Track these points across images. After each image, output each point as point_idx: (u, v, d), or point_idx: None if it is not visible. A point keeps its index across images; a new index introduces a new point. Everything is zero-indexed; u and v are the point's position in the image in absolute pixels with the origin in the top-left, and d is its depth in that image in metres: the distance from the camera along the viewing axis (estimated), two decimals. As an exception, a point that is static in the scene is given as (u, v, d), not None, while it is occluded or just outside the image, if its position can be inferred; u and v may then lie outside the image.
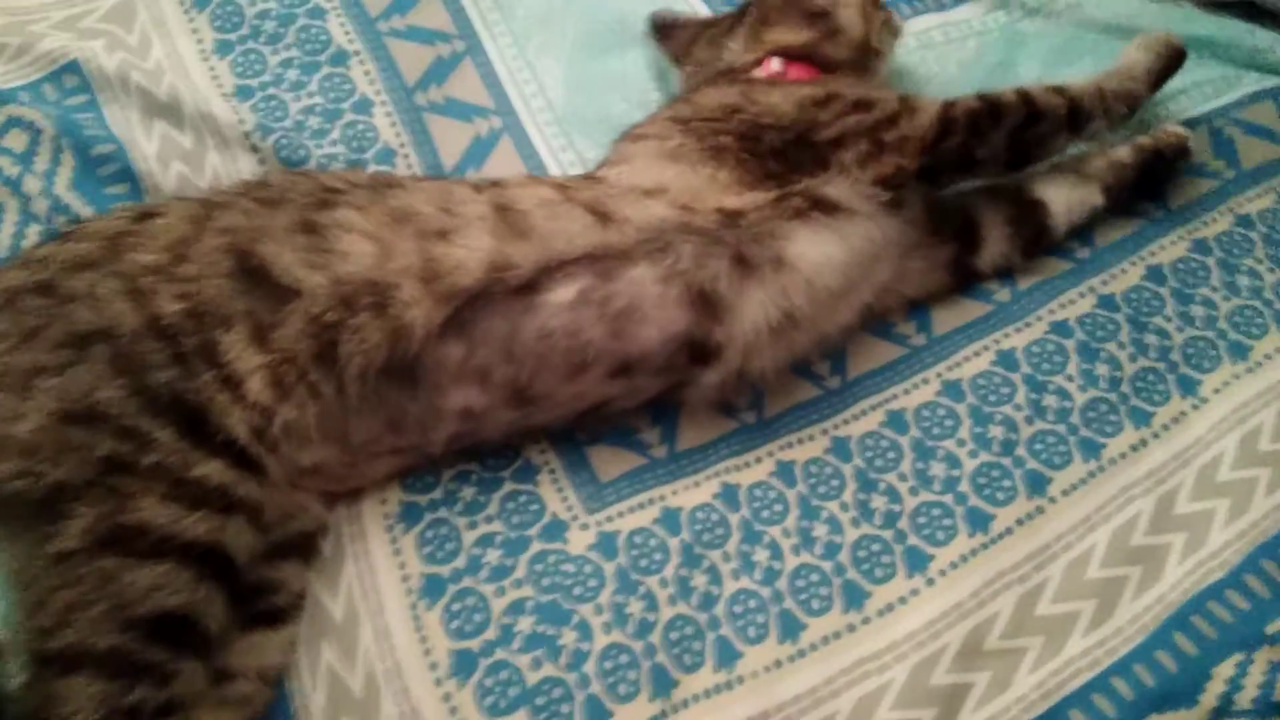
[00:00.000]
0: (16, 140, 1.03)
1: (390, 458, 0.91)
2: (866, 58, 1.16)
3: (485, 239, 0.86)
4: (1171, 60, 1.17)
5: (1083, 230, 1.13)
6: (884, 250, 1.00)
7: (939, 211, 1.07)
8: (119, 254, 0.82)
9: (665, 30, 1.26)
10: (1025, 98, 1.04)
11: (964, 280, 1.09)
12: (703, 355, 0.92)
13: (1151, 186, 1.15)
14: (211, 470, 0.77)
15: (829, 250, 0.94)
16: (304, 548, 0.89)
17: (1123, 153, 1.14)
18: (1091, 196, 1.11)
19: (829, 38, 1.15)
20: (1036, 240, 1.10)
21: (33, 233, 0.99)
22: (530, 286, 0.87)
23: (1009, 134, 1.03)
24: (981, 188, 1.11)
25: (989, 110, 1.03)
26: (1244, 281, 1.09)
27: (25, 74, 1.10)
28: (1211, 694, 0.86)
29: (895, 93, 1.07)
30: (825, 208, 0.96)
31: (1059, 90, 1.06)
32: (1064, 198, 1.11)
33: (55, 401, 0.76)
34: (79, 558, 0.73)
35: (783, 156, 0.99)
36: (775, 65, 1.14)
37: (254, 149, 1.11)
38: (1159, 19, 1.33)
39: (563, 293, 0.87)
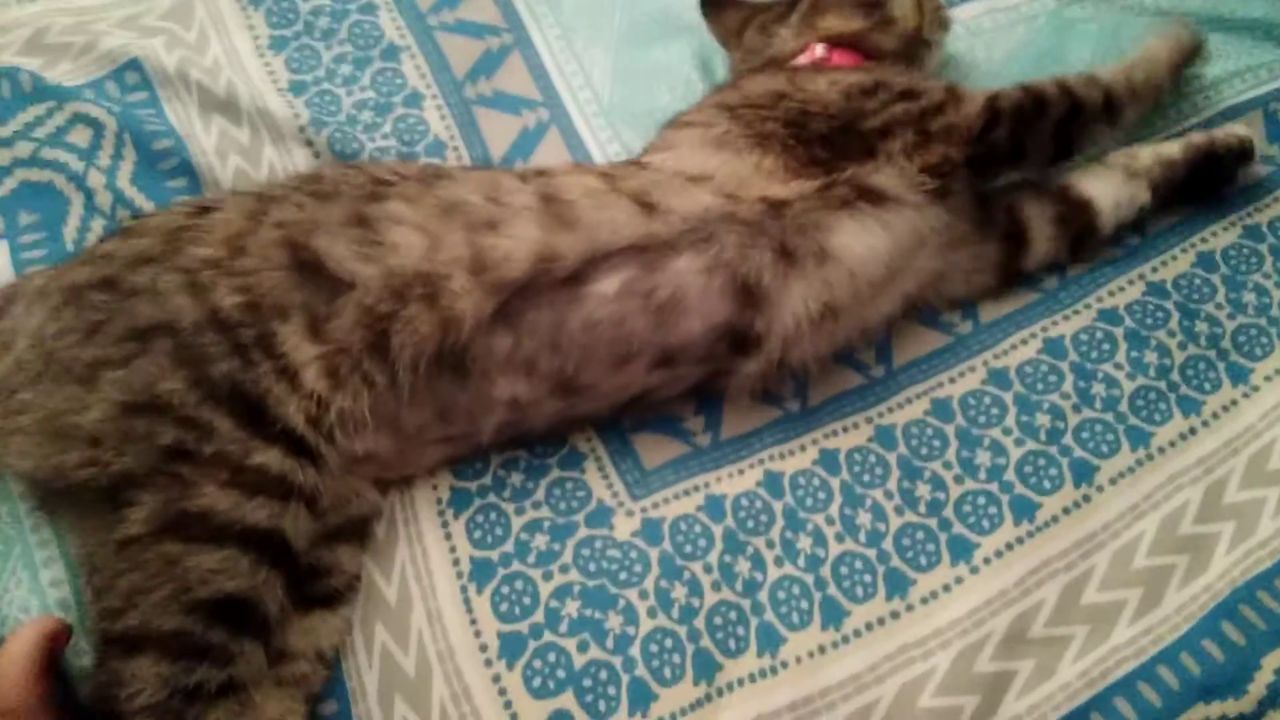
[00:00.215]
0: (81, 136, 1.06)
1: (440, 446, 0.93)
2: (916, 48, 1.16)
3: (532, 230, 0.87)
4: (1191, 52, 1.16)
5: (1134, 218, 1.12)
6: (929, 240, 1.00)
7: (986, 207, 1.06)
8: (178, 248, 0.84)
9: (717, 8, 1.27)
10: (1065, 89, 1.04)
11: (1011, 281, 1.08)
12: (743, 345, 0.93)
13: (1204, 187, 1.12)
14: (270, 458, 0.79)
15: (873, 242, 0.94)
16: (359, 532, 0.91)
17: (1173, 149, 1.11)
18: (1139, 194, 1.09)
19: (881, 27, 1.15)
20: (1084, 239, 1.08)
21: (97, 226, 1.02)
22: (576, 278, 0.88)
23: (1054, 125, 1.03)
24: (1027, 184, 1.10)
25: (1034, 102, 1.03)
26: (1298, 268, 1.08)
27: (89, 72, 1.13)
28: (1260, 684, 0.85)
29: (942, 82, 1.07)
30: (872, 197, 0.96)
31: (1092, 81, 1.06)
32: (1111, 195, 1.09)
33: (119, 393, 0.78)
34: (143, 543, 0.76)
35: (829, 144, 0.99)
36: (820, 51, 1.14)
37: (308, 143, 1.13)
38: (1210, 1, 1.31)
39: (608, 284, 0.89)
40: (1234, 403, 0.99)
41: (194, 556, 0.76)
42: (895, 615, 0.90)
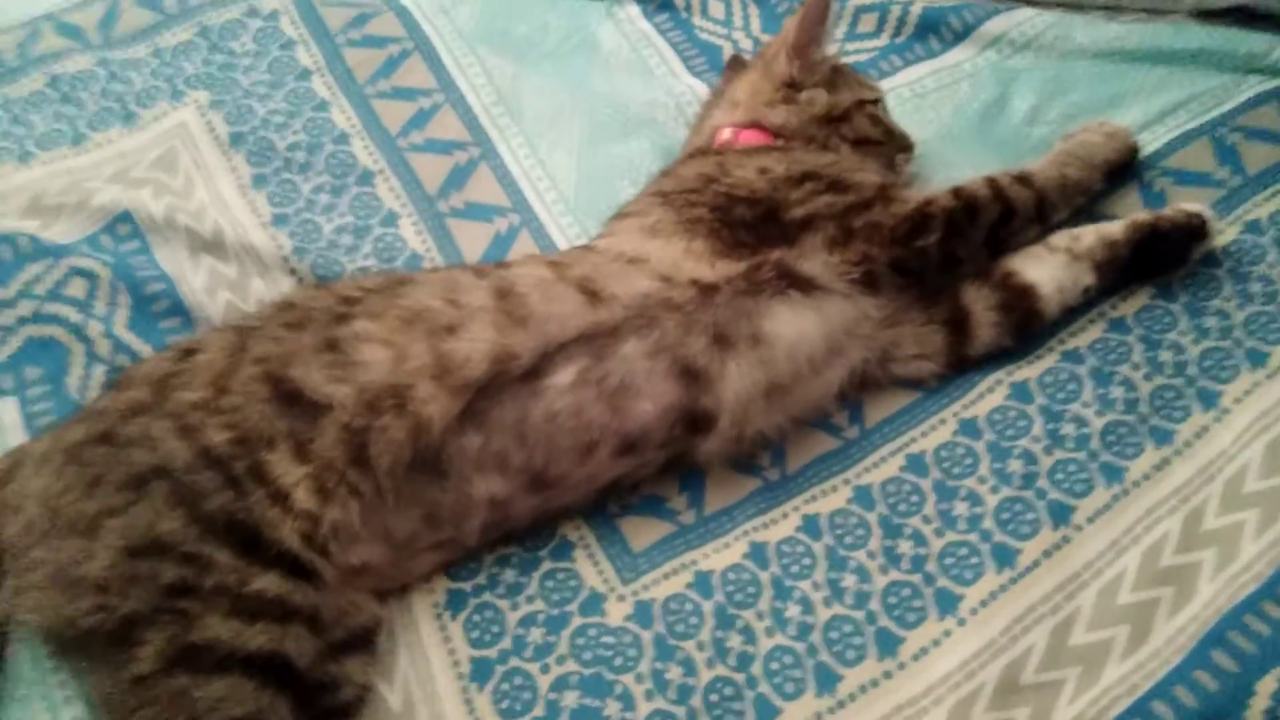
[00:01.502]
0: (78, 289, 1.11)
1: (432, 553, 0.95)
2: (830, 130, 1.18)
3: (488, 330, 0.91)
4: (1126, 154, 1.17)
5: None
6: (862, 326, 1.02)
7: (925, 295, 1.06)
8: (167, 395, 0.88)
9: (728, 70, 1.32)
10: (998, 193, 1.06)
11: (957, 368, 1.06)
12: (698, 425, 0.96)
13: (1152, 266, 1.08)
14: (268, 583, 0.82)
15: (804, 326, 0.98)
16: (364, 644, 0.92)
17: (1115, 229, 1.08)
18: (1083, 277, 1.06)
19: (790, 105, 1.18)
20: (1027, 324, 1.06)
21: (98, 373, 1.07)
22: (534, 372, 0.92)
23: (986, 231, 1.05)
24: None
25: (966, 208, 1.04)
26: (1257, 288, 1.08)
27: (84, 228, 1.19)
28: (1256, 710, 0.83)
29: (879, 179, 1.08)
30: (801, 285, 0.99)
31: (1025, 181, 1.08)
32: (1055, 280, 1.06)
33: (121, 539, 0.82)
34: (153, 679, 0.78)
35: (753, 230, 1.02)
36: (726, 135, 1.18)
37: (292, 271, 1.18)
38: (1149, 37, 1.34)
39: (563, 375, 0.92)
40: (1206, 428, 0.99)
41: (202, 688, 0.78)
42: (888, 675, 0.90)
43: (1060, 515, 0.96)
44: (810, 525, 0.98)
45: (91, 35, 1.43)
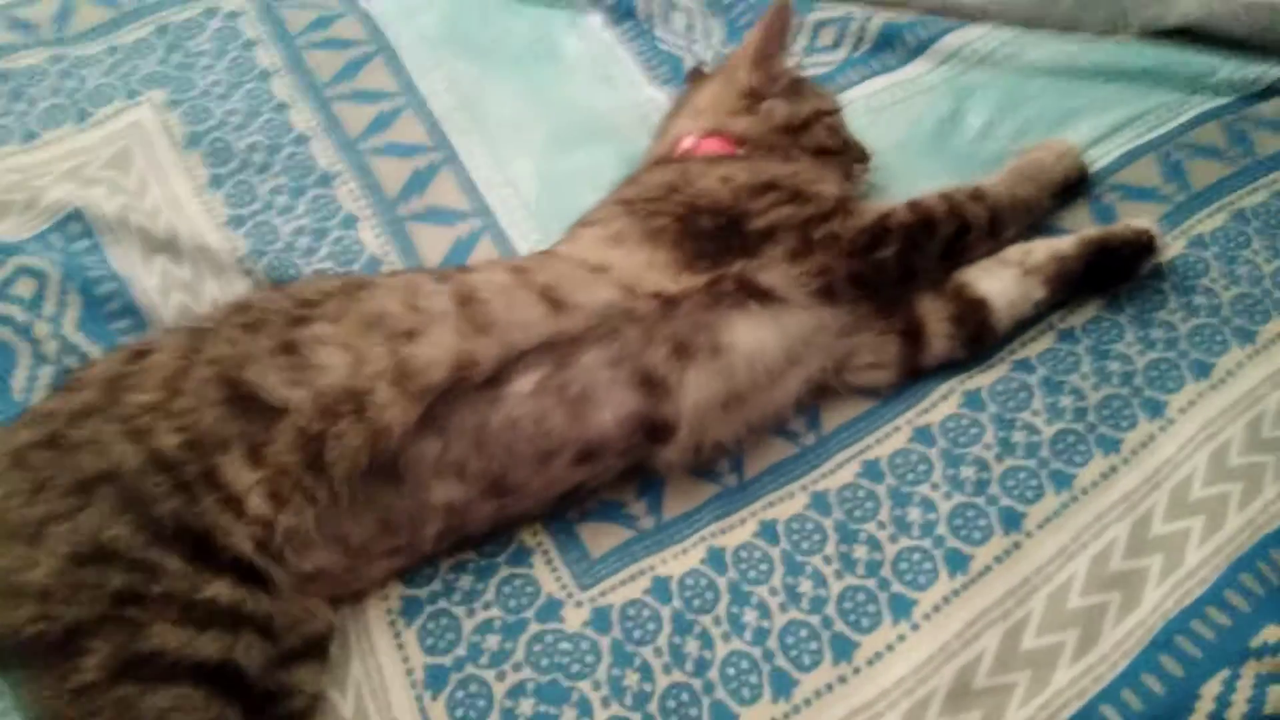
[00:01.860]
0: (25, 288, 1.09)
1: (387, 559, 0.94)
2: (790, 140, 1.19)
3: (450, 336, 0.90)
4: (1077, 175, 1.19)
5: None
6: (820, 337, 1.02)
7: (881, 306, 1.06)
8: (117, 397, 0.86)
9: (689, 80, 1.32)
10: (954, 208, 1.07)
11: (911, 377, 1.07)
12: (657, 433, 0.96)
13: (1101, 281, 1.10)
14: (220, 590, 0.80)
15: (763, 337, 0.99)
16: (316, 651, 0.90)
17: (1066, 245, 1.09)
18: (1034, 291, 1.07)
19: (751, 114, 1.19)
20: (979, 337, 1.07)
21: (45, 374, 1.04)
22: (495, 379, 0.91)
23: (942, 244, 1.06)
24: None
25: (922, 223, 1.05)
26: (1201, 300, 1.10)
27: (33, 226, 1.16)
28: (1201, 713, 0.85)
29: (839, 191, 1.09)
30: (759, 295, 0.99)
31: (979, 198, 1.09)
32: (1006, 294, 1.07)
33: (66, 545, 0.79)
34: (98, 689, 0.76)
35: (715, 240, 1.02)
36: (688, 143, 1.18)
37: (248, 273, 1.16)
38: (1101, 55, 1.36)
39: (524, 382, 0.91)
40: (1152, 437, 1.01)
41: (149, 697, 0.76)
42: (843, 680, 0.90)
43: (1011, 521, 0.97)
44: (768, 531, 0.98)
45: (45, 31, 1.40)
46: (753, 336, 0.98)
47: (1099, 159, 1.24)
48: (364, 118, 1.34)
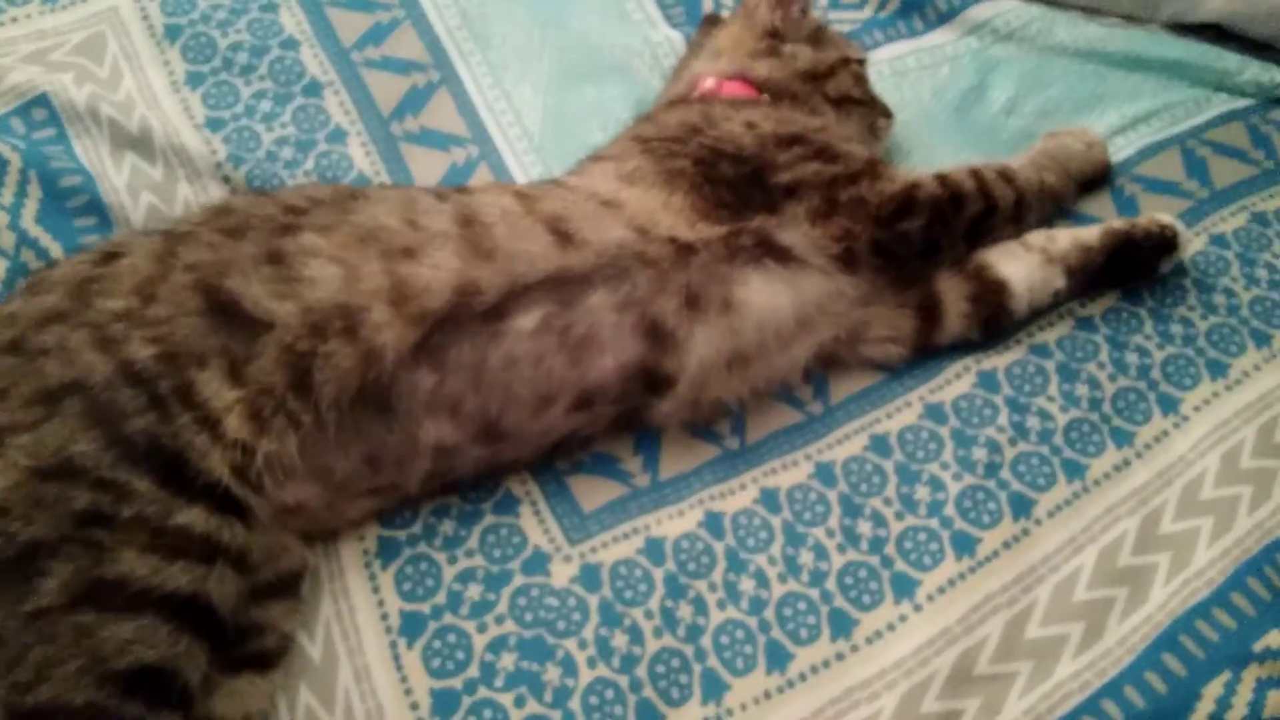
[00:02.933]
0: (-18, 173, 1.01)
1: (368, 498, 0.89)
2: (813, 88, 1.14)
3: (451, 259, 0.86)
4: (1103, 170, 1.18)
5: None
6: (836, 304, 0.99)
7: (900, 278, 1.03)
8: (86, 302, 0.80)
9: (704, 25, 1.27)
10: (982, 187, 1.05)
11: (925, 353, 1.05)
12: (656, 385, 0.92)
13: (1123, 274, 1.08)
14: (193, 518, 0.75)
15: (778, 300, 0.95)
16: (290, 589, 0.86)
17: (1091, 235, 1.07)
18: (1055, 279, 1.05)
19: (773, 57, 1.14)
20: (996, 319, 1.05)
21: (0, 267, 0.97)
22: (495, 313, 0.86)
23: (968, 223, 1.04)
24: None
25: (951, 199, 1.03)
26: (1220, 300, 1.09)
27: (-8, 108, 1.08)
28: (1201, 713, 0.85)
29: (867, 153, 1.05)
30: (777, 254, 0.96)
31: (1009, 179, 1.07)
32: (1027, 279, 1.04)
33: (27, 459, 0.73)
34: (55, 614, 0.71)
35: (735, 190, 0.98)
36: (709, 84, 1.13)
37: (225, 179, 1.09)
38: (1128, 43, 1.34)
39: (527, 319, 0.87)
40: (1165, 433, 1.00)
41: (109, 627, 0.71)
42: (840, 657, 0.88)
43: (1021, 507, 0.95)
44: (769, 498, 0.96)
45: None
46: (767, 296, 0.95)
47: (1122, 149, 1.23)
48: (359, 26, 1.26)
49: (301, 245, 0.84)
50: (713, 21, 1.27)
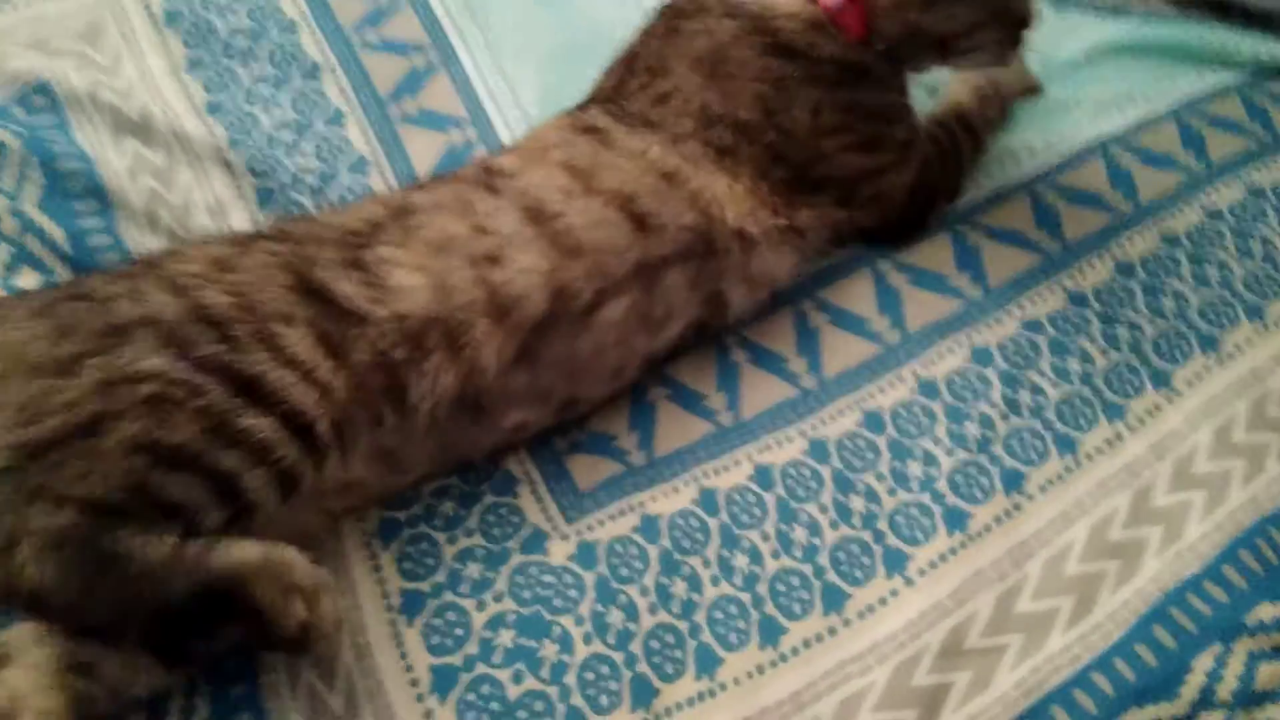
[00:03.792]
0: (-17, 161, 0.98)
1: (423, 474, 0.88)
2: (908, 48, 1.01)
3: (538, 260, 0.83)
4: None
5: (1052, 225, 1.10)
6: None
7: None
8: (160, 264, 0.77)
9: None
10: (965, 123, 1.07)
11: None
12: (704, 332, 0.96)
13: None
14: (262, 424, 0.70)
15: (791, 267, 1.00)
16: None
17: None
18: None
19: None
20: None
21: (2, 252, 0.94)
22: (588, 308, 0.85)
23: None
24: None
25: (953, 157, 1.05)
26: (1213, 274, 1.07)
27: (-7, 95, 1.05)
28: (1192, 686, 0.83)
29: (901, 134, 1.01)
30: (797, 233, 0.97)
31: (973, 135, 1.09)
32: None
33: (98, 373, 0.69)
34: (110, 456, 0.67)
35: (787, 183, 0.96)
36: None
37: (226, 164, 1.07)
38: (1123, 32, 1.29)
39: (614, 309, 0.87)
40: (1157, 407, 0.98)
41: (158, 474, 0.68)
42: (833, 631, 0.86)
43: (1013, 482, 0.93)
44: (763, 475, 0.93)
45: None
46: (785, 268, 0.99)
47: (1118, 121, 1.19)
48: (358, 9, 1.23)
49: (380, 256, 0.80)
50: None
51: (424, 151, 1.14)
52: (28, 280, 0.95)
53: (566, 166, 0.90)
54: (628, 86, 0.99)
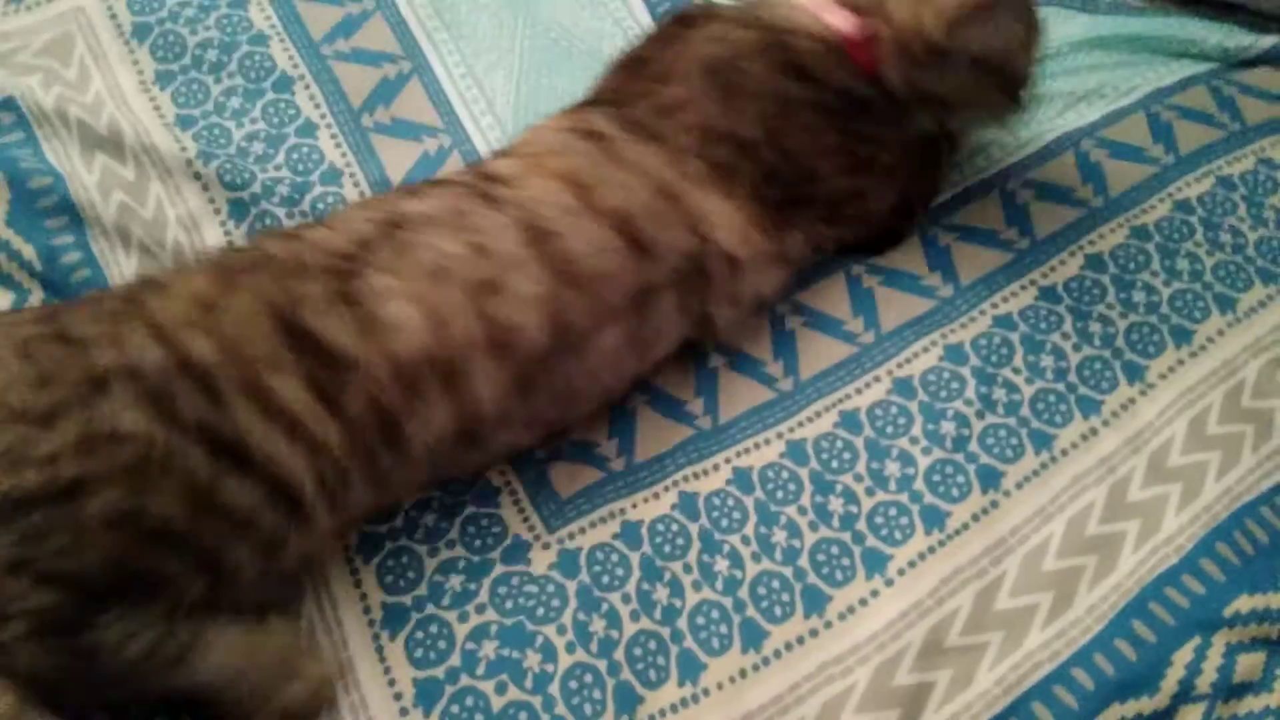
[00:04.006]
0: (-50, 179, 0.96)
1: (413, 495, 0.88)
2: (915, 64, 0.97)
3: (538, 289, 0.80)
4: None
5: (1022, 221, 1.09)
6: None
7: None
8: (140, 306, 0.73)
9: None
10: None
11: None
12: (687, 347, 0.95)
13: None
14: (246, 494, 0.69)
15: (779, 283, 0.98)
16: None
17: None
18: None
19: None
20: None
21: (-29, 274, 0.93)
22: (585, 337, 0.83)
23: None
24: None
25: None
26: (1184, 265, 1.06)
27: (-42, 113, 1.03)
28: (1172, 679, 0.83)
29: (898, 157, 1.00)
30: (785, 256, 0.97)
31: (950, 137, 1.08)
32: None
33: (77, 428, 0.66)
34: (93, 530, 0.66)
35: (780, 205, 0.94)
36: (840, 24, 0.96)
37: (196, 176, 1.05)
38: (1089, 28, 1.29)
39: (610, 337, 0.84)
40: (1132, 401, 0.97)
41: (139, 548, 0.68)
42: (814, 633, 0.86)
43: (990, 479, 0.92)
44: (742, 478, 0.93)
45: (-26, -101, 1.24)
46: (773, 285, 0.98)
47: (1086, 114, 1.19)
48: (329, 19, 1.21)
49: (372, 287, 0.76)
50: None
51: (398, 160, 1.12)
52: (0, 299, 0.93)
53: (567, 179, 0.86)
54: (631, 90, 0.97)
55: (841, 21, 0.96)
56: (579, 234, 0.83)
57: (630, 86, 0.97)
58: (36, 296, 0.95)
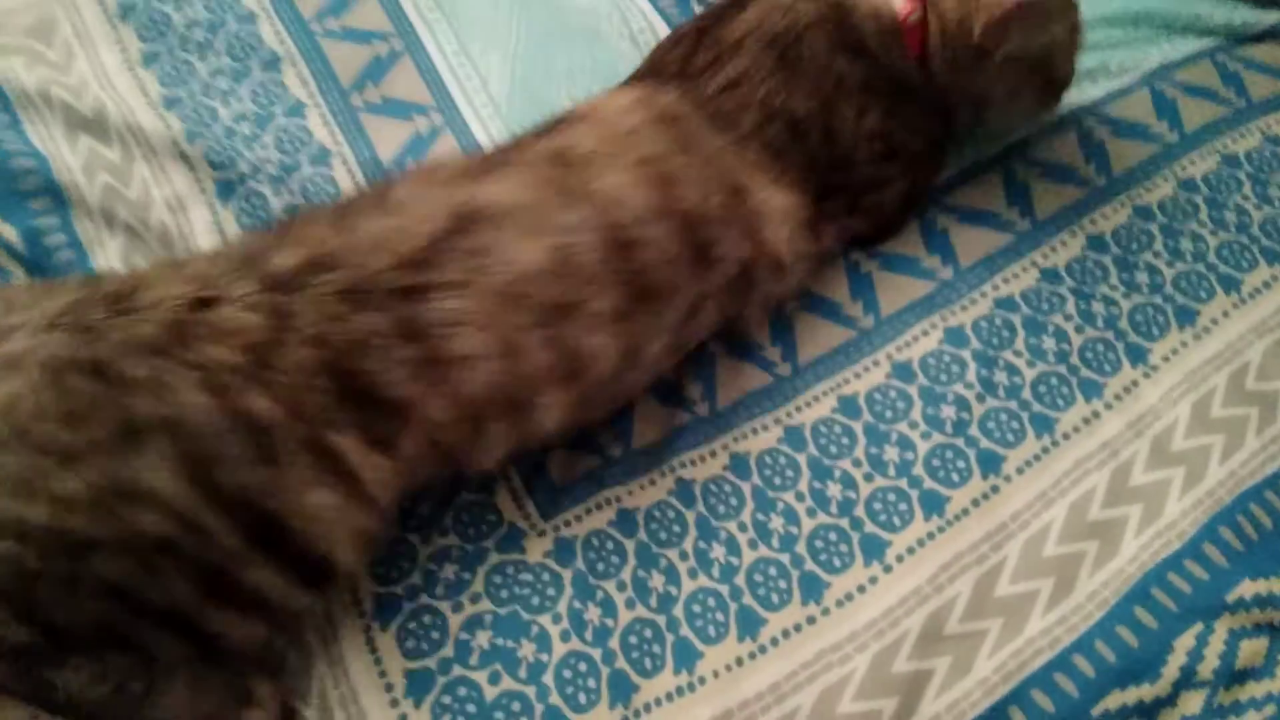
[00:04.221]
0: (-69, 162, 0.94)
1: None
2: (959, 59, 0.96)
3: (614, 307, 0.76)
4: None
5: (1023, 201, 1.07)
6: None
7: None
8: (188, 344, 0.66)
9: None
10: None
11: None
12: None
13: None
14: (270, 578, 0.67)
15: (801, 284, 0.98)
16: None
17: None
18: None
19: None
20: None
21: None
22: (640, 350, 0.81)
23: None
24: None
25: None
26: (1187, 246, 1.04)
27: (-60, 96, 1.01)
28: (1173, 666, 0.81)
29: (922, 144, 0.98)
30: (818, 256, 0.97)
31: None
32: None
33: (101, 476, 0.62)
34: (87, 595, 0.64)
35: (818, 196, 0.92)
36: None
37: (184, 157, 1.02)
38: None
39: (657, 345, 0.82)
40: (1135, 384, 0.95)
41: (139, 628, 0.66)
42: (811, 620, 0.84)
43: (990, 464, 0.90)
44: (739, 464, 0.91)
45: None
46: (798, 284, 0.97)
47: (1090, 91, 1.16)
48: (318, -3, 1.18)
49: (443, 315, 0.70)
50: None
51: (388, 140, 1.09)
52: (-16, 283, 0.91)
53: (647, 171, 0.81)
54: (696, 62, 0.92)
55: (899, 1, 0.94)
56: (654, 241, 0.78)
57: (695, 56, 0.93)
58: (19, 279, 0.92)
